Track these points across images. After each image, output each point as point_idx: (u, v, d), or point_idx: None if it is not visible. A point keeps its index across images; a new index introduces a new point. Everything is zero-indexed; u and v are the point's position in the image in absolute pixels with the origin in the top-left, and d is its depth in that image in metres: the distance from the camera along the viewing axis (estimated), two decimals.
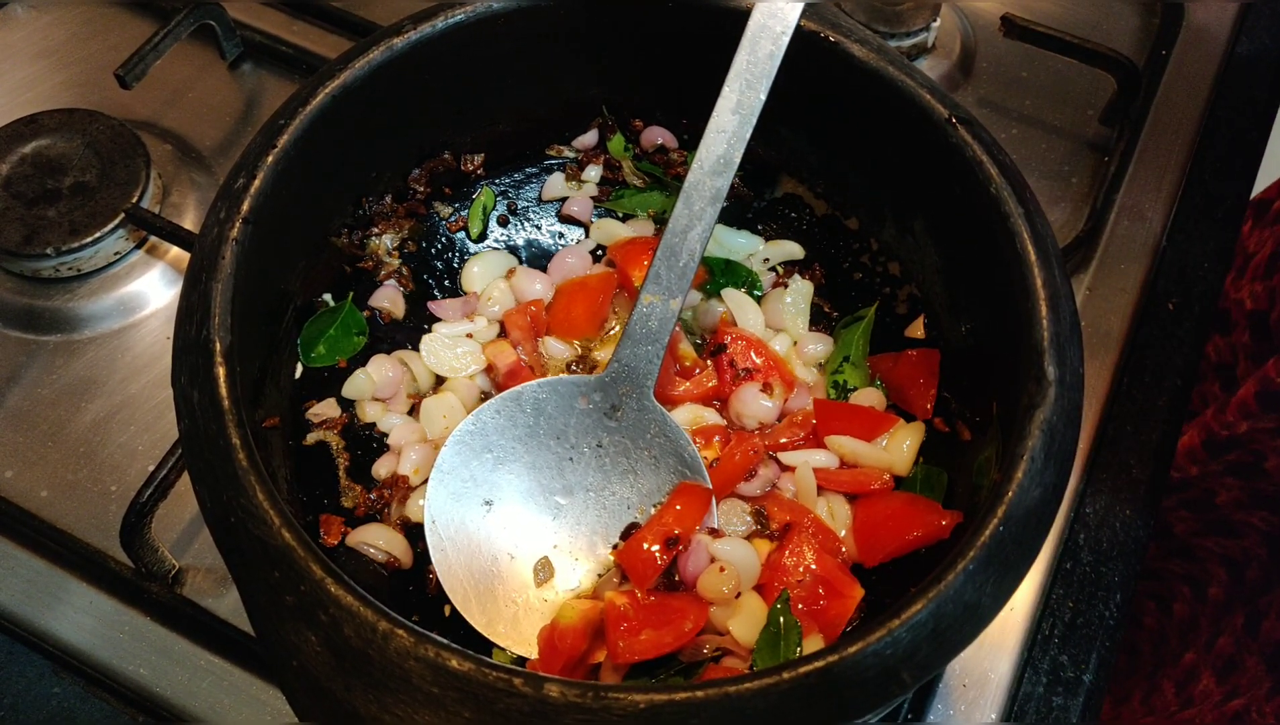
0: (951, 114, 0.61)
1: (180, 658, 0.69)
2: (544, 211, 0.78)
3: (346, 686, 0.46)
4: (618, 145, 0.77)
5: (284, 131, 0.59)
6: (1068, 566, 0.73)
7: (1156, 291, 0.85)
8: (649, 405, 0.64)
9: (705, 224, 0.63)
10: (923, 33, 0.94)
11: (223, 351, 0.53)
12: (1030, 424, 0.52)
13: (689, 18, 0.67)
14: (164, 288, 0.84)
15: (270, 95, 0.94)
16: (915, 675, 0.48)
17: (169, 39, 0.89)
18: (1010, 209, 0.58)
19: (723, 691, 0.45)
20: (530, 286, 0.73)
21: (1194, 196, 0.89)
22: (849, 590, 0.61)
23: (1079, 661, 0.70)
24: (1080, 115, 0.93)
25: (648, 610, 0.59)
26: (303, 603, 0.47)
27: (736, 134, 0.63)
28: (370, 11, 0.97)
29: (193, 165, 0.90)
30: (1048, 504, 0.52)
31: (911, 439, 0.66)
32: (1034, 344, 0.54)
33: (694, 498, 0.63)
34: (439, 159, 0.73)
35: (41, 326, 0.82)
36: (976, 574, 0.49)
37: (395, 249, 0.73)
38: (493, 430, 0.64)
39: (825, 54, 0.64)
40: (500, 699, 0.45)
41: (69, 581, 0.71)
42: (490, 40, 0.66)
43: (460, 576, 0.62)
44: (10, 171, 0.84)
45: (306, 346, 0.69)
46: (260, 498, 0.49)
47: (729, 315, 0.73)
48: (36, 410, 0.78)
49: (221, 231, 0.56)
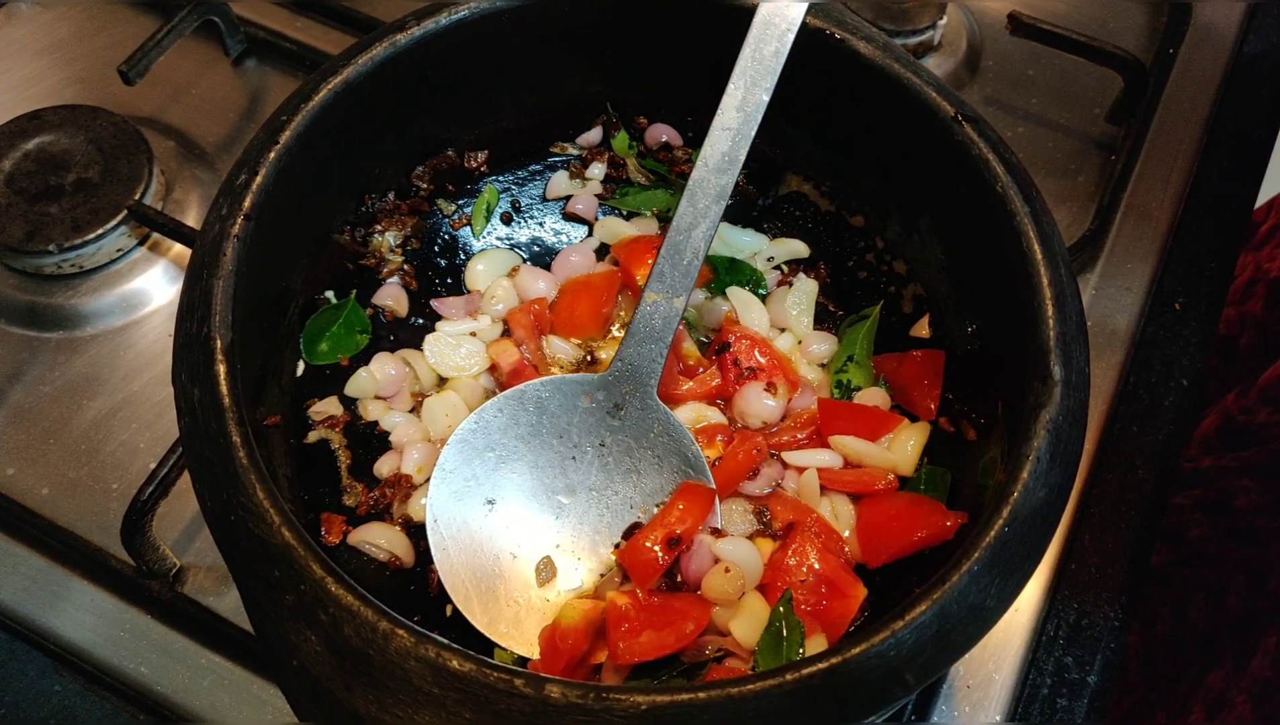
0: (957, 112, 0.60)
1: (181, 656, 0.68)
2: (548, 209, 0.77)
3: (347, 686, 0.46)
4: (622, 143, 0.76)
5: (286, 128, 0.59)
6: (1073, 568, 0.73)
7: (1163, 291, 0.84)
8: (652, 404, 0.64)
9: (709, 222, 0.63)
10: (929, 30, 0.93)
11: (223, 349, 0.53)
12: (1035, 424, 0.52)
13: (693, 14, 0.66)
14: (166, 285, 0.83)
15: (273, 91, 0.94)
16: (919, 677, 0.48)
17: (172, 35, 0.89)
18: (1016, 207, 0.57)
19: (725, 693, 0.45)
20: (534, 285, 0.73)
21: (1201, 195, 0.89)
22: (852, 590, 0.61)
23: (1084, 663, 0.70)
24: (1087, 114, 0.93)
25: (649, 611, 0.59)
26: (303, 602, 0.47)
27: (741, 131, 0.63)
28: (374, 8, 0.97)
29: (196, 162, 0.90)
30: (1053, 505, 0.52)
31: (916, 439, 0.66)
32: (1040, 343, 0.54)
33: (697, 497, 0.62)
34: (442, 156, 0.73)
35: (43, 323, 0.81)
36: (981, 575, 0.49)
37: (398, 246, 0.73)
38: (495, 429, 0.64)
39: (830, 51, 0.64)
40: (501, 699, 0.45)
41: (70, 579, 0.71)
42: (494, 37, 0.66)
43: (462, 576, 0.62)
44: (13, 168, 0.84)
45: (309, 344, 0.68)
46: (260, 496, 0.49)
47: (733, 314, 0.72)
48: (38, 407, 0.78)
49: (223, 228, 0.56)
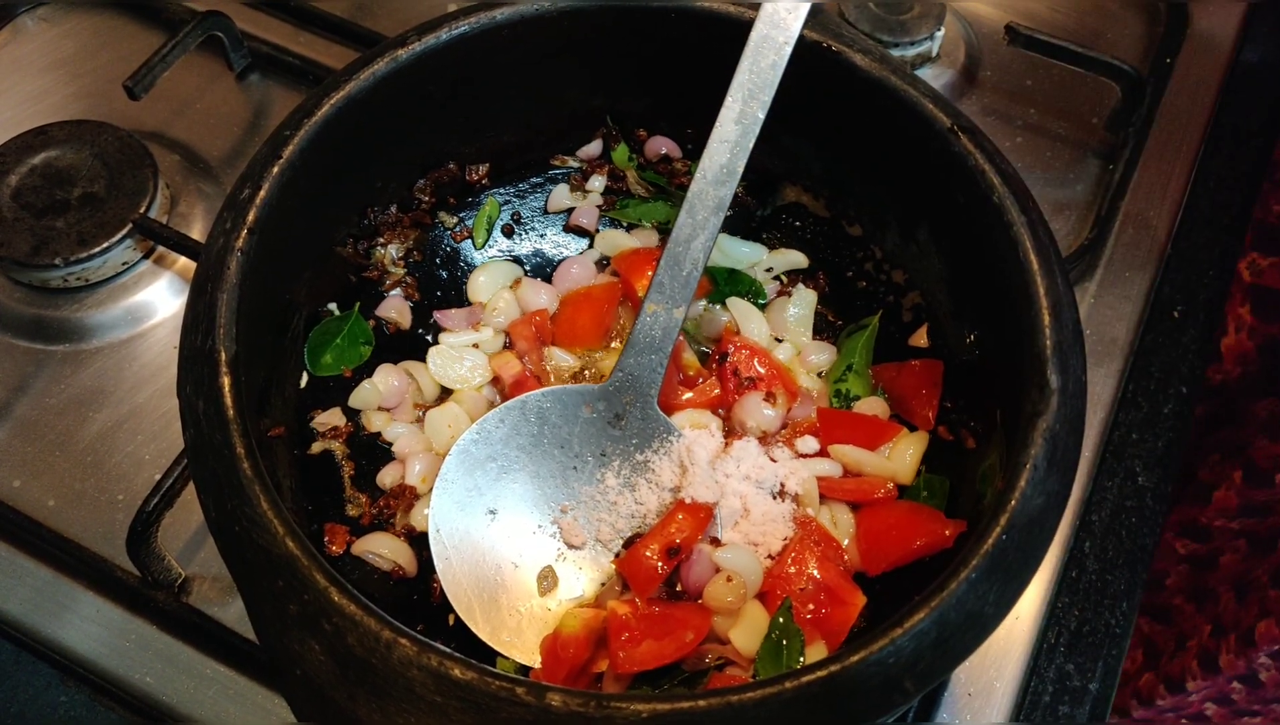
0: (954, 123, 0.61)
1: (186, 666, 0.69)
2: (549, 221, 0.78)
3: (350, 695, 0.47)
4: (622, 155, 0.77)
5: (289, 142, 0.60)
6: (1073, 575, 0.73)
7: (1161, 299, 0.85)
8: (653, 414, 0.65)
9: (708, 233, 0.64)
10: (927, 41, 0.94)
11: (228, 361, 0.53)
12: (1033, 432, 0.52)
13: (692, 28, 0.67)
14: (171, 297, 0.84)
15: (277, 106, 0.95)
16: (918, 684, 0.48)
17: (177, 50, 0.89)
18: (1013, 217, 0.58)
19: (725, 700, 0.45)
20: (535, 297, 0.74)
21: (1199, 204, 0.89)
22: (851, 598, 0.61)
23: (1085, 670, 0.70)
24: (1085, 123, 0.93)
25: (649, 620, 0.59)
26: (306, 612, 0.48)
27: (739, 143, 0.63)
28: (376, 23, 0.98)
29: (200, 175, 0.90)
30: (1051, 512, 0.52)
31: (914, 448, 0.66)
32: (1036, 352, 0.54)
33: (696, 507, 0.63)
34: (444, 169, 0.73)
35: (49, 336, 0.82)
36: (979, 582, 0.49)
37: (400, 259, 0.73)
38: (497, 439, 0.65)
39: (828, 63, 0.64)
40: (503, 708, 0.45)
41: (76, 590, 0.71)
42: (494, 51, 0.67)
43: (464, 585, 0.62)
44: (19, 182, 0.84)
45: (313, 356, 0.69)
46: (264, 506, 0.49)
47: (733, 324, 0.73)
48: (44, 420, 0.78)
49: (227, 242, 0.57)
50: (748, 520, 0.64)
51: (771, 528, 0.64)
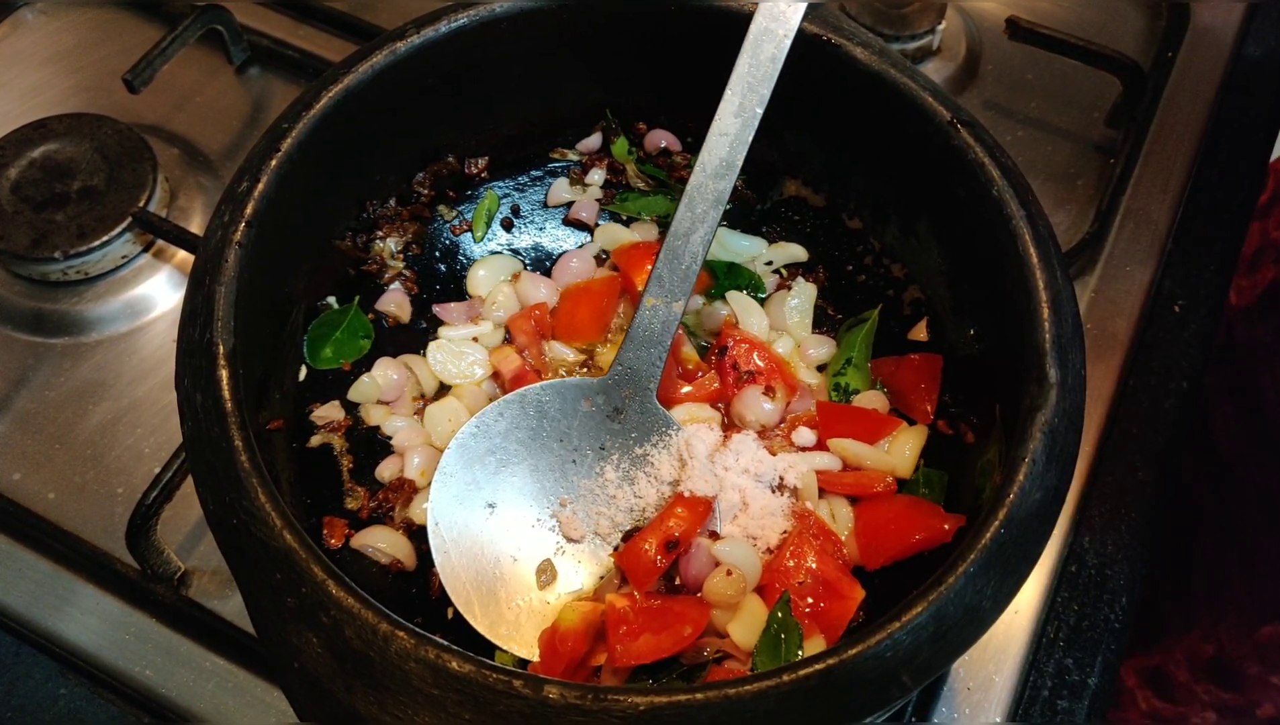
0: (954, 116, 0.61)
1: (185, 659, 0.69)
2: (548, 215, 0.78)
3: (348, 688, 0.47)
4: (621, 148, 0.77)
5: (287, 135, 0.60)
6: (1072, 569, 0.73)
7: (1162, 294, 0.84)
8: (652, 408, 0.65)
9: (708, 227, 0.63)
10: (928, 35, 0.94)
11: (226, 354, 0.53)
12: (1032, 427, 0.52)
13: (691, 21, 0.67)
14: (171, 291, 0.84)
15: (277, 99, 0.95)
16: (916, 678, 0.48)
17: (177, 44, 0.89)
18: (1012, 211, 0.58)
19: (723, 693, 0.45)
20: (535, 291, 0.74)
21: (1200, 198, 0.89)
22: (850, 592, 0.61)
23: (1084, 665, 0.70)
24: (1086, 117, 0.93)
25: (648, 614, 0.59)
26: (304, 605, 0.48)
27: (739, 137, 0.63)
28: (376, 16, 0.98)
29: (200, 169, 0.90)
30: (1049, 506, 0.52)
31: (913, 442, 0.66)
32: (1036, 346, 0.54)
33: (694, 501, 0.63)
34: (443, 162, 0.73)
35: (49, 329, 0.82)
36: (977, 577, 0.49)
37: (399, 252, 0.73)
38: (496, 433, 0.65)
39: (827, 57, 0.64)
40: (500, 701, 0.45)
41: (75, 583, 0.72)
42: (493, 44, 0.67)
43: (463, 579, 0.62)
44: (19, 176, 0.84)
45: (312, 349, 0.69)
46: (262, 500, 0.49)
47: (732, 318, 0.73)
48: (44, 413, 0.78)
49: (225, 235, 0.57)
50: (746, 514, 0.64)
51: (770, 521, 0.64)
